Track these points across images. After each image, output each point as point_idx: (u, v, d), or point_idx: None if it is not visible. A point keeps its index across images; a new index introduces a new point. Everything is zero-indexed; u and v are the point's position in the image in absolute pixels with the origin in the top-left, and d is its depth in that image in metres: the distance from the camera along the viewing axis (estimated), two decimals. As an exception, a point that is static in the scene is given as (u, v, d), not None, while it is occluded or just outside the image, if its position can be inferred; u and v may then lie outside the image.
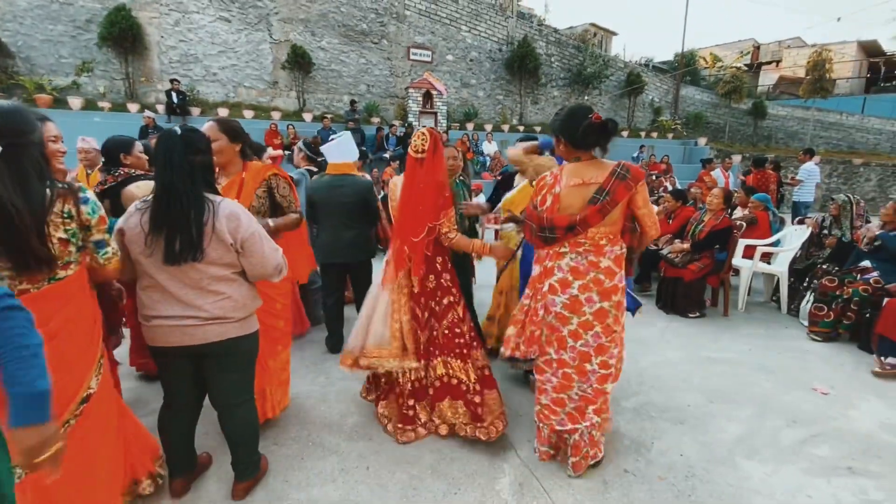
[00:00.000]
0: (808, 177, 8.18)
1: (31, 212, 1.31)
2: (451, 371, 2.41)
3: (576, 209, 1.98)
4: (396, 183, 2.55)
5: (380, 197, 4.83)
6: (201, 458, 2.13)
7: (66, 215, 1.42)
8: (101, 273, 1.61)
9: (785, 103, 20.07)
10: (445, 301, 2.44)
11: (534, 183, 2.12)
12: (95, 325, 1.61)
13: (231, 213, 1.69)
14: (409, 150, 2.39)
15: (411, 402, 2.42)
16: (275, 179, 2.37)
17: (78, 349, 1.51)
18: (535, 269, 2.18)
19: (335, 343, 3.42)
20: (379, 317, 2.38)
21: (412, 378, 2.43)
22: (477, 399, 2.37)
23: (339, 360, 2.52)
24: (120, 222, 1.70)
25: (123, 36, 10.30)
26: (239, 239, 1.68)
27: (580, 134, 1.94)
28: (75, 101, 10.13)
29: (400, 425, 2.42)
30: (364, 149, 10.04)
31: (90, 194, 1.50)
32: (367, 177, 3.78)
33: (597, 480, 2.15)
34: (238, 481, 1.99)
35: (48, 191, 1.39)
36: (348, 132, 3.53)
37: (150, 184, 2.37)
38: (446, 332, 2.43)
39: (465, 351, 2.43)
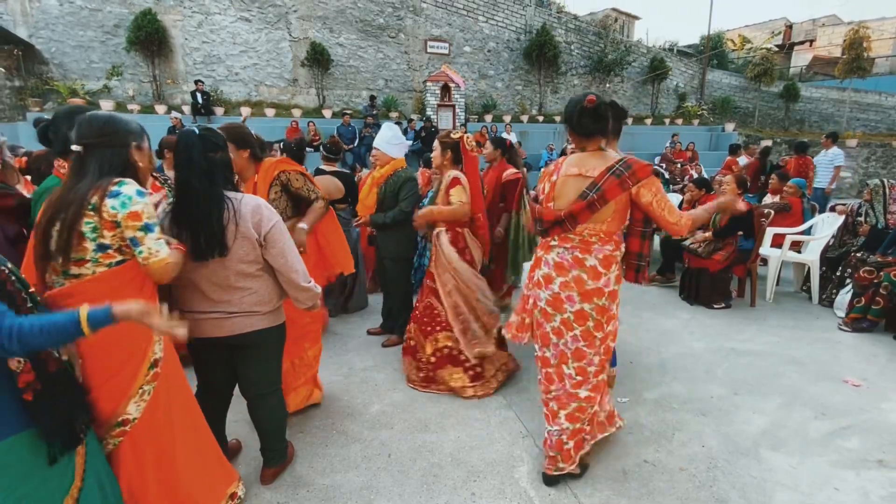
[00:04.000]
0: (835, 162, 7.88)
1: (71, 202, 1.40)
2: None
3: (568, 201, 1.89)
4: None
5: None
6: (232, 444, 2.23)
7: (90, 207, 1.38)
8: (149, 273, 1.50)
9: (819, 84, 19.16)
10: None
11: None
12: (136, 349, 1.50)
13: (254, 207, 1.74)
14: (468, 149, 2.87)
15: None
16: (285, 175, 2.34)
17: (106, 367, 1.45)
18: (532, 259, 2.18)
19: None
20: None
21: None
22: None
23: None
24: None
25: (150, 39, 10.61)
26: (262, 232, 1.74)
27: (574, 120, 1.86)
28: (107, 105, 10.49)
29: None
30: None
31: (126, 188, 1.41)
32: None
33: (616, 470, 2.15)
34: (266, 467, 2.08)
35: (91, 183, 1.41)
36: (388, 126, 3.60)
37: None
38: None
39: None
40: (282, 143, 4.10)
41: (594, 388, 2.02)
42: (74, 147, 1.43)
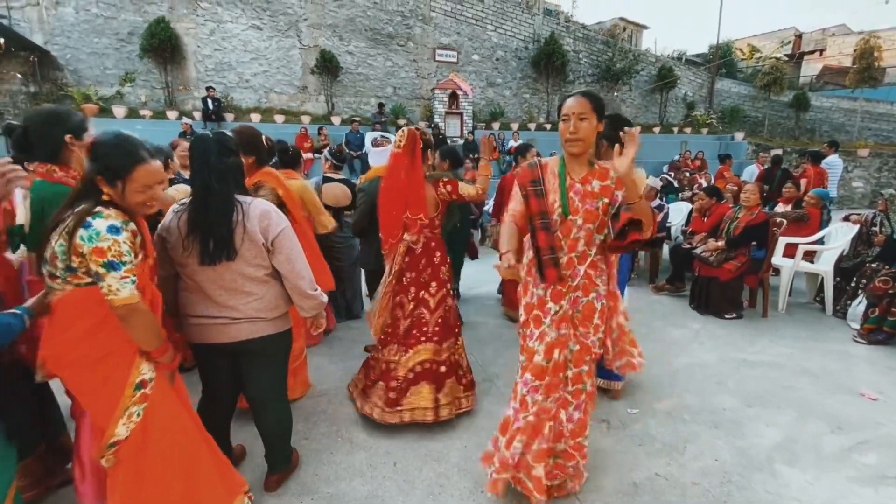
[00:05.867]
0: (832, 170, 7.88)
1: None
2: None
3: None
4: None
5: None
6: (236, 450, 2.22)
7: (64, 230, 1.39)
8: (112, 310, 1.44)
9: (830, 94, 19.03)
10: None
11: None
12: (116, 370, 1.48)
13: (263, 211, 1.73)
14: (392, 146, 2.47)
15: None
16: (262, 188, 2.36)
17: (90, 385, 1.46)
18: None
19: None
20: None
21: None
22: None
23: None
24: (160, 228, 1.78)
25: (163, 47, 10.77)
26: (270, 237, 1.72)
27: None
28: (119, 111, 10.66)
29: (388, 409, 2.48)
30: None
31: (98, 222, 1.37)
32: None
33: (627, 483, 2.10)
34: (270, 474, 2.06)
35: (70, 205, 1.44)
36: (371, 134, 3.56)
37: (184, 186, 2.48)
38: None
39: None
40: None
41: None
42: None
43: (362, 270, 3.92)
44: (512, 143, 12.29)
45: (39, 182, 1.72)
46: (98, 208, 1.40)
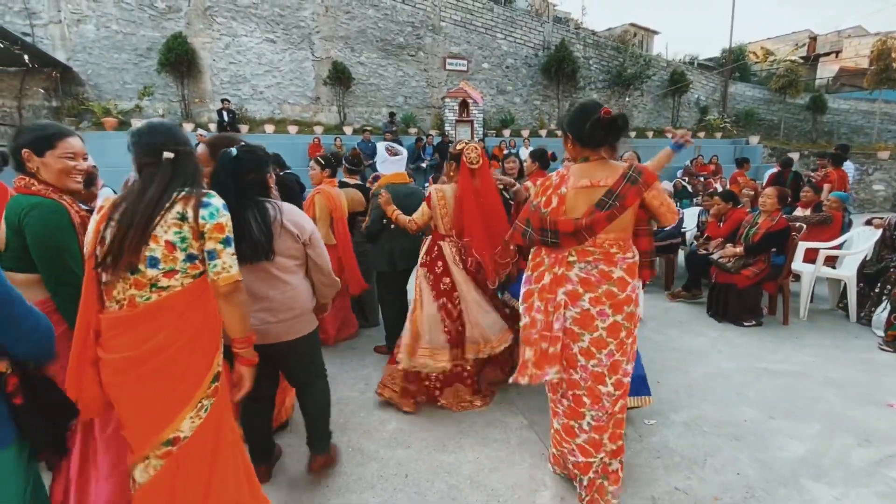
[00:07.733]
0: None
1: (139, 212, 1.37)
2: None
3: (580, 213, 1.83)
4: (445, 192, 2.76)
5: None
6: (276, 449, 2.31)
7: (179, 216, 1.38)
8: (215, 290, 1.45)
9: (847, 96, 18.65)
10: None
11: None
12: (205, 355, 1.45)
13: (296, 210, 1.95)
14: (465, 161, 2.63)
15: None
16: None
17: (170, 381, 1.39)
18: (545, 278, 1.91)
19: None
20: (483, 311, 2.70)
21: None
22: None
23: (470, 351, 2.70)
24: None
25: (180, 61, 11.04)
26: (305, 234, 1.93)
27: (587, 130, 1.79)
28: (138, 124, 10.91)
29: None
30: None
31: (215, 200, 1.43)
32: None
33: (645, 497, 2.04)
34: (314, 455, 2.15)
35: (164, 193, 1.39)
36: (383, 144, 3.57)
37: None
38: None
39: None
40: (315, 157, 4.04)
41: (625, 395, 1.96)
42: (168, 154, 1.43)
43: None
44: (523, 150, 12.27)
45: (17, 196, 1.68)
46: (206, 190, 1.46)
